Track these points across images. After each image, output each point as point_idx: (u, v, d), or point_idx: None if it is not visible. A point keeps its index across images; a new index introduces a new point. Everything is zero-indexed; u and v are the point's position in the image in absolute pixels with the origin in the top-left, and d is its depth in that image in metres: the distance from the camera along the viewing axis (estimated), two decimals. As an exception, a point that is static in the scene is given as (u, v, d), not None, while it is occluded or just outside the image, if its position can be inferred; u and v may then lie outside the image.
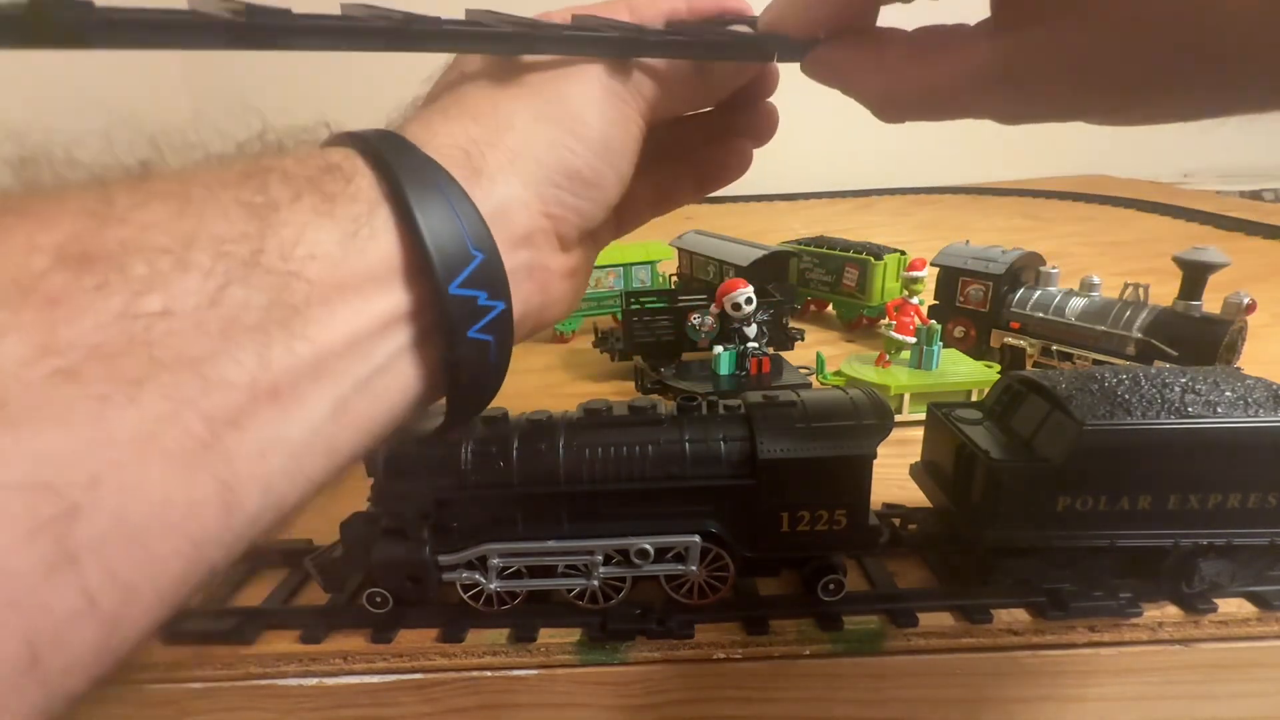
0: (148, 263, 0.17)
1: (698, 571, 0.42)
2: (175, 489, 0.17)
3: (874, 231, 1.61)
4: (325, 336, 0.21)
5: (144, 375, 0.17)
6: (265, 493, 0.20)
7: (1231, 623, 0.42)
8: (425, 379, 0.25)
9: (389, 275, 0.23)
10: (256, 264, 0.19)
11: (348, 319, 0.21)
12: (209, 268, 0.18)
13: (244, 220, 0.20)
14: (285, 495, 0.21)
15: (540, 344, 1.01)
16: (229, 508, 0.19)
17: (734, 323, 0.71)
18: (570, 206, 0.29)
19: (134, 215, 0.18)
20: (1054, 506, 0.41)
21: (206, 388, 0.18)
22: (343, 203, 0.22)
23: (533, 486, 0.41)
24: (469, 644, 0.42)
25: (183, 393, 0.17)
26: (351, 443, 0.23)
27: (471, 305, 0.24)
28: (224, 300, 0.18)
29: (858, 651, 0.42)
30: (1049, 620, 0.42)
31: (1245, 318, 0.66)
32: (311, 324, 0.20)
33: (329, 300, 0.21)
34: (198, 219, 0.19)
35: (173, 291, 0.18)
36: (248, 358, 0.19)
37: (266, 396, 0.19)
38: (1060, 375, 0.45)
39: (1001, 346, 0.80)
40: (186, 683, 0.42)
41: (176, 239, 0.18)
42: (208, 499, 0.18)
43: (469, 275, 0.23)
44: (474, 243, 0.24)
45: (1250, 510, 0.41)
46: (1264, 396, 0.40)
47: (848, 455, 0.40)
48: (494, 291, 0.25)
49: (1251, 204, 1.89)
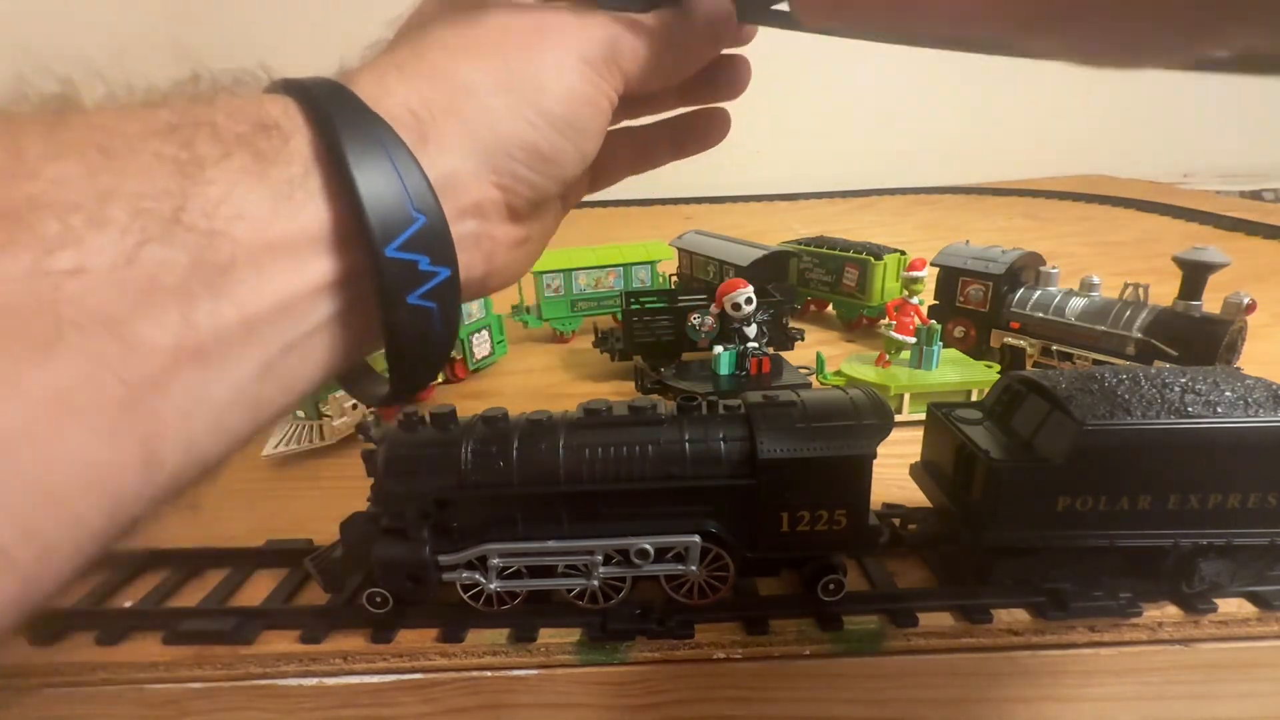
0: (59, 219, 0.17)
1: (698, 571, 0.42)
2: (95, 450, 0.17)
3: (874, 231, 1.61)
4: (253, 300, 0.20)
5: (55, 336, 0.16)
6: (188, 451, 0.19)
7: (1231, 623, 0.42)
8: (358, 343, 0.25)
9: (322, 239, 0.22)
10: (177, 222, 0.18)
11: (277, 282, 0.21)
12: (125, 224, 0.18)
13: (166, 176, 0.19)
14: (208, 452, 0.20)
15: (540, 344, 1.01)
16: (150, 466, 0.18)
17: (734, 323, 0.71)
18: (524, 180, 0.27)
19: (46, 168, 0.17)
20: (1054, 506, 0.41)
21: (125, 349, 0.17)
22: (277, 164, 0.21)
23: (533, 486, 0.41)
24: (469, 644, 0.42)
25: (99, 354, 0.17)
26: (277, 401, 0.22)
27: (411, 270, 0.23)
28: (142, 259, 0.18)
29: (858, 651, 0.42)
30: (1049, 620, 0.42)
31: (1245, 318, 0.66)
32: (238, 286, 0.20)
33: (257, 262, 0.20)
34: (116, 174, 0.18)
35: (86, 249, 0.17)
36: (170, 319, 0.18)
37: (190, 358, 0.19)
38: (1060, 375, 0.45)
39: (1001, 346, 0.80)
40: (186, 683, 0.42)
41: (91, 194, 0.17)
42: (129, 459, 0.18)
43: (409, 238, 0.22)
44: (416, 205, 0.23)
45: (1250, 510, 0.41)
46: (1264, 396, 0.40)
47: (848, 455, 0.40)
48: (437, 257, 0.23)
49: (1251, 204, 1.89)
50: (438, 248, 0.23)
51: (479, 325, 0.88)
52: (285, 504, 0.60)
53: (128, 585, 0.49)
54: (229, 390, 0.20)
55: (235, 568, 0.50)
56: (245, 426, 0.22)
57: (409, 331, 0.24)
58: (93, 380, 0.17)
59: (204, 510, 0.60)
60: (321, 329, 0.23)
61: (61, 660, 0.42)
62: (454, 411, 0.43)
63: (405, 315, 0.23)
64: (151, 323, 0.18)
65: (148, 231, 0.18)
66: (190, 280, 0.18)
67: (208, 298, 0.19)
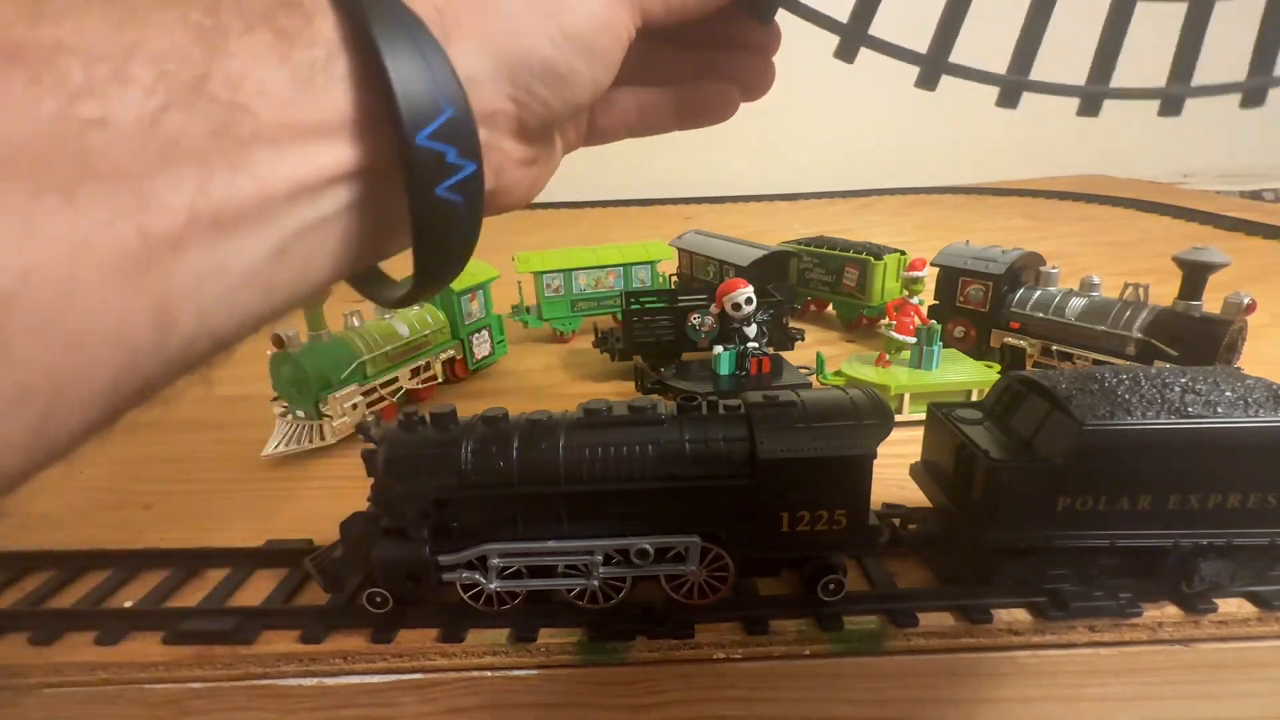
0: (84, 68, 0.17)
1: (698, 571, 0.42)
2: (110, 297, 0.17)
3: (874, 231, 1.61)
4: (270, 178, 0.20)
5: (78, 181, 0.17)
6: (200, 319, 0.20)
7: (1231, 623, 0.42)
8: (373, 240, 0.24)
9: (346, 125, 0.22)
10: (200, 90, 0.19)
11: (296, 164, 0.21)
12: (150, 85, 0.18)
13: (189, 42, 0.19)
14: (220, 326, 0.21)
15: (540, 344, 1.01)
16: (163, 326, 0.19)
17: (734, 323, 0.71)
18: (538, 97, 0.27)
19: (69, 16, 0.17)
20: (1054, 506, 0.41)
21: (143, 204, 0.18)
22: (299, 45, 0.21)
23: (533, 486, 0.41)
24: (469, 644, 0.42)
25: (118, 205, 0.17)
26: (290, 287, 0.22)
27: (439, 161, 0.22)
28: (165, 122, 0.18)
29: (858, 651, 0.42)
30: (1049, 620, 0.42)
31: (1245, 318, 0.66)
32: (257, 163, 0.20)
33: (276, 141, 0.20)
34: (139, 31, 0.18)
35: (110, 102, 0.17)
36: (187, 183, 0.18)
37: (205, 226, 0.19)
38: (1060, 375, 0.45)
39: (1001, 346, 0.80)
40: (186, 683, 0.42)
41: (116, 48, 0.17)
42: (142, 313, 0.18)
43: (438, 128, 0.22)
44: (445, 95, 0.22)
45: (1250, 510, 0.41)
46: (1264, 396, 0.40)
47: (848, 455, 0.40)
48: (464, 150, 0.23)
49: (1251, 204, 1.89)
50: (465, 141, 0.23)
51: (479, 325, 0.88)
52: (285, 504, 0.60)
53: (127, 585, 0.49)
54: (243, 266, 0.20)
55: (235, 568, 0.50)
56: (256, 307, 0.22)
57: (436, 225, 0.24)
58: (111, 230, 0.17)
59: (203, 510, 0.60)
60: (338, 219, 0.23)
61: (61, 660, 0.42)
62: (454, 411, 0.43)
63: (433, 207, 0.23)
64: (170, 185, 0.18)
65: (172, 95, 0.18)
66: (210, 150, 0.19)
67: (225, 169, 0.19)
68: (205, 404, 0.83)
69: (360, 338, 0.71)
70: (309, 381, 0.65)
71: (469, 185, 0.24)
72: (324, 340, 0.69)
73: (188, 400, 0.70)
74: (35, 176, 0.16)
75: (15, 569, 0.51)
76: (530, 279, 0.99)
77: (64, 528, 0.57)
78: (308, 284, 0.23)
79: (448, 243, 0.25)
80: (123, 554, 0.52)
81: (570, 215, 2.14)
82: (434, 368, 0.81)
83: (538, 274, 0.98)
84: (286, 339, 0.65)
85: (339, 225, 0.23)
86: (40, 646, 0.43)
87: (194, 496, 0.62)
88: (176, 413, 0.80)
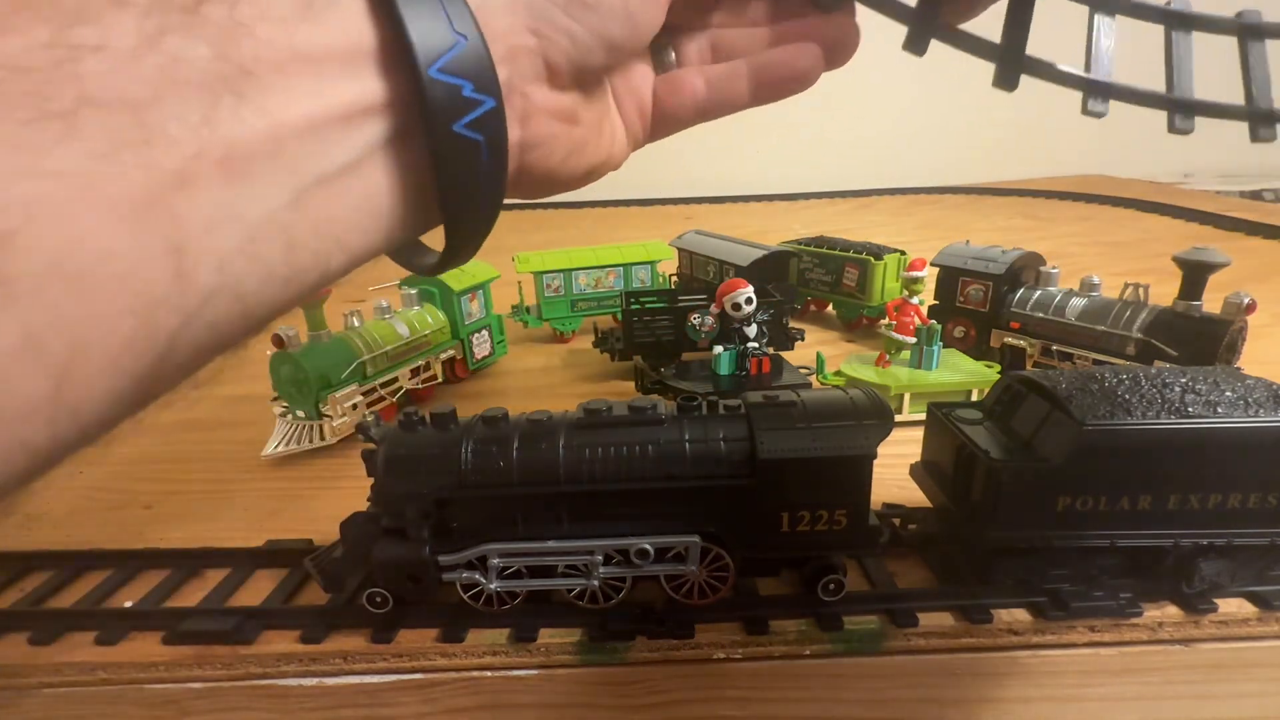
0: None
1: (698, 571, 0.42)
2: (118, 239, 0.16)
3: (874, 231, 1.61)
4: (281, 111, 0.19)
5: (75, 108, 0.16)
6: (220, 270, 0.18)
7: (1231, 623, 0.42)
8: (404, 190, 0.23)
9: (354, 55, 0.20)
10: (197, 12, 0.18)
11: (306, 97, 0.19)
12: (145, 7, 0.17)
13: None
14: (243, 280, 0.19)
15: (540, 344, 1.01)
16: (180, 275, 0.18)
17: (734, 323, 0.71)
18: (561, 28, 0.24)
19: None
20: (1054, 506, 0.41)
21: (147, 136, 0.17)
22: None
23: (533, 486, 0.41)
24: (469, 644, 0.42)
25: (121, 135, 0.16)
26: (317, 244, 0.21)
27: (454, 95, 0.21)
28: (163, 46, 0.17)
29: (858, 651, 0.42)
30: (1049, 620, 0.42)
31: (1245, 318, 0.66)
32: (264, 92, 0.18)
33: (284, 69, 0.19)
34: None
35: (106, 26, 0.16)
36: (191, 114, 0.17)
37: (215, 163, 0.18)
38: (1060, 375, 0.45)
39: (1001, 346, 0.80)
40: (186, 683, 0.42)
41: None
42: (154, 258, 0.17)
43: (451, 60, 0.21)
44: (456, 25, 0.21)
45: (1250, 510, 0.41)
46: (1264, 396, 0.40)
47: (848, 455, 0.40)
48: (480, 83, 0.21)
49: (1251, 204, 1.89)
50: (480, 74, 0.21)
51: (479, 325, 0.88)
52: (285, 504, 0.60)
53: (127, 585, 0.49)
54: (259, 212, 0.19)
55: (235, 568, 0.50)
56: (279, 266, 0.20)
57: (457, 165, 0.22)
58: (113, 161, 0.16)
59: (203, 510, 0.60)
60: (359, 165, 0.21)
61: (61, 660, 0.42)
62: (454, 411, 0.43)
63: (452, 145, 0.22)
64: (173, 114, 0.17)
65: (168, 19, 0.17)
66: (212, 78, 0.18)
67: (231, 98, 0.18)
68: (205, 404, 0.83)
69: (360, 338, 0.71)
70: (309, 381, 0.65)
71: (489, 122, 0.22)
72: (324, 340, 0.69)
73: (188, 400, 0.71)
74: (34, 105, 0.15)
75: (15, 569, 0.51)
76: (530, 279, 1.00)
77: (64, 528, 0.57)
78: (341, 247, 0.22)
79: (472, 188, 0.23)
80: (123, 554, 0.52)
81: (570, 215, 2.14)
82: (434, 368, 0.81)
83: (538, 274, 0.98)
84: (286, 339, 0.65)
85: (363, 173, 0.21)
86: (40, 646, 0.43)
87: (194, 496, 0.62)
88: (176, 413, 0.80)
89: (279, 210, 0.19)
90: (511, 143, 0.25)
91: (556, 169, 0.28)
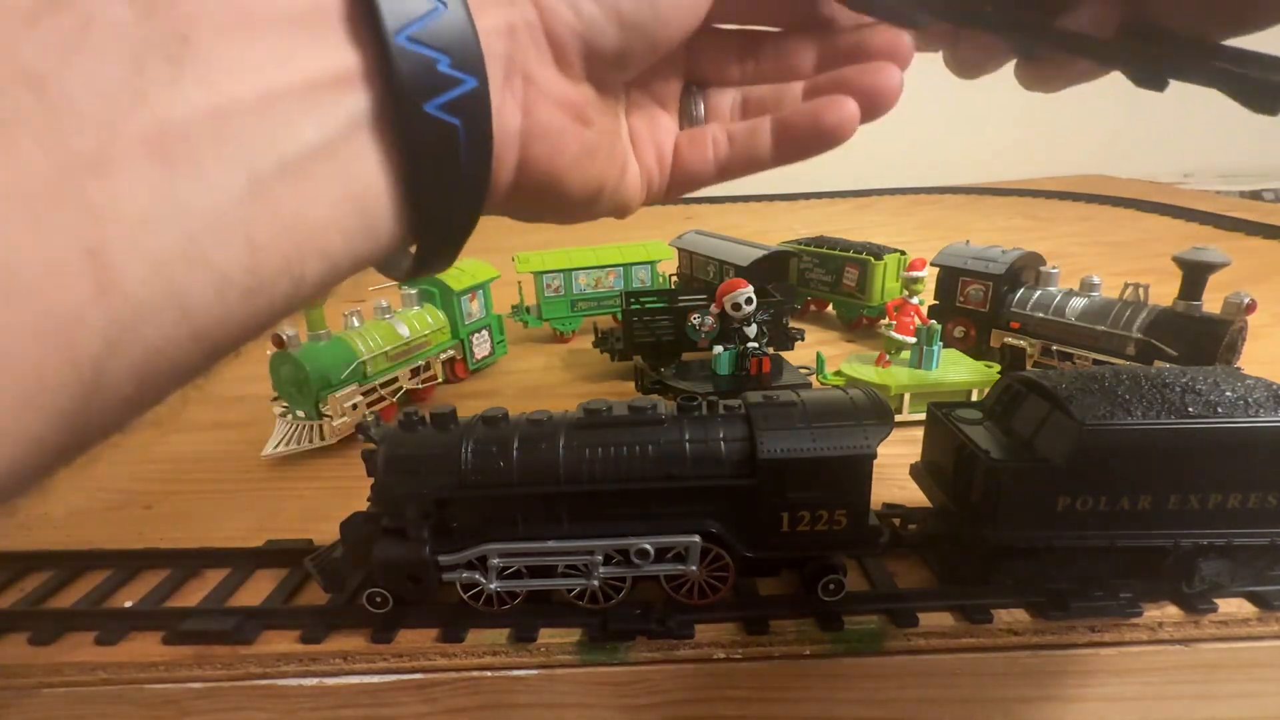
0: None
1: (698, 571, 0.42)
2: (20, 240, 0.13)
3: (874, 231, 1.61)
4: (228, 81, 0.15)
5: None
6: (155, 274, 0.15)
7: (1231, 623, 0.42)
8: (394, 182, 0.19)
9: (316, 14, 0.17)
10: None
11: (262, 64, 0.16)
12: None
13: None
14: (189, 292, 0.15)
15: (540, 344, 1.01)
16: (103, 286, 0.14)
17: (734, 323, 0.71)
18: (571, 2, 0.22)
19: None
20: (1054, 506, 0.41)
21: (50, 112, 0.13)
22: None
23: (533, 486, 0.41)
24: (469, 644, 0.42)
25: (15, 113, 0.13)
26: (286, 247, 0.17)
27: (428, 69, 0.18)
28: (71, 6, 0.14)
29: (858, 651, 0.42)
30: (1049, 620, 0.42)
31: (1245, 318, 0.66)
32: (205, 60, 0.15)
33: (227, 33, 0.16)
34: None
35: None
36: (110, 82, 0.14)
37: (145, 144, 0.14)
38: (1060, 375, 0.45)
39: (1001, 346, 0.80)
40: (186, 683, 0.42)
41: None
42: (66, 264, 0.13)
43: (424, 27, 0.18)
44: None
45: (1250, 510, 0.41)
46: (1264, 396, 0.40)
47: (848, 455, 0.40)
48: (460, 59, 0.18)
49: (1251, 204, 1.89)
50: (461, 48, 0.18)
51: (479, 325, 0.88)
52: (285, 504, 0.60)
53: (127, 585, 0.49)
54: (207, 205, 0.15)
55: (235, 568, 0.50)
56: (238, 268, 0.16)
57: (430, 154, 0.19)
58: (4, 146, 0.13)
59: (203, 510, 0.60)
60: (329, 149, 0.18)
61: (61, 660, 0.42)
62: (454, 411, 0.43)
63: (423, 128, 0.18)
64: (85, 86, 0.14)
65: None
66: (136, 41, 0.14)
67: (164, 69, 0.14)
68: (205, 404, 0.83)
69: (360, 338, 0.71)
70: (309, 381, 0.65)
71: (469, 105, 0.19)
72: (324, 340, 0.69)
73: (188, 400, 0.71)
74: None
75: (15, 569, 0.51)
76: (530, 279, 1.00)
77: (64, 528, 0.57)
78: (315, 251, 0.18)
79: (447, 182, 0.20)
80: (123, 554, 0.52)
81: (570, 215, 2.14)
82: (434, 368, 0.81)
83: (538, 274, 0.98)
84: (286, 339, 0.65)
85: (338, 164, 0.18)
86: (40, 646, 0.43)
87: (194, 496, 0.62)
88: (176, 413, 0.80)
89: (232, 202, 0.16)
90: (512, 131, 0.22)
91: (564, 171, 0.25)
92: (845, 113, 0.26)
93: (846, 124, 0.26)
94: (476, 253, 0.79)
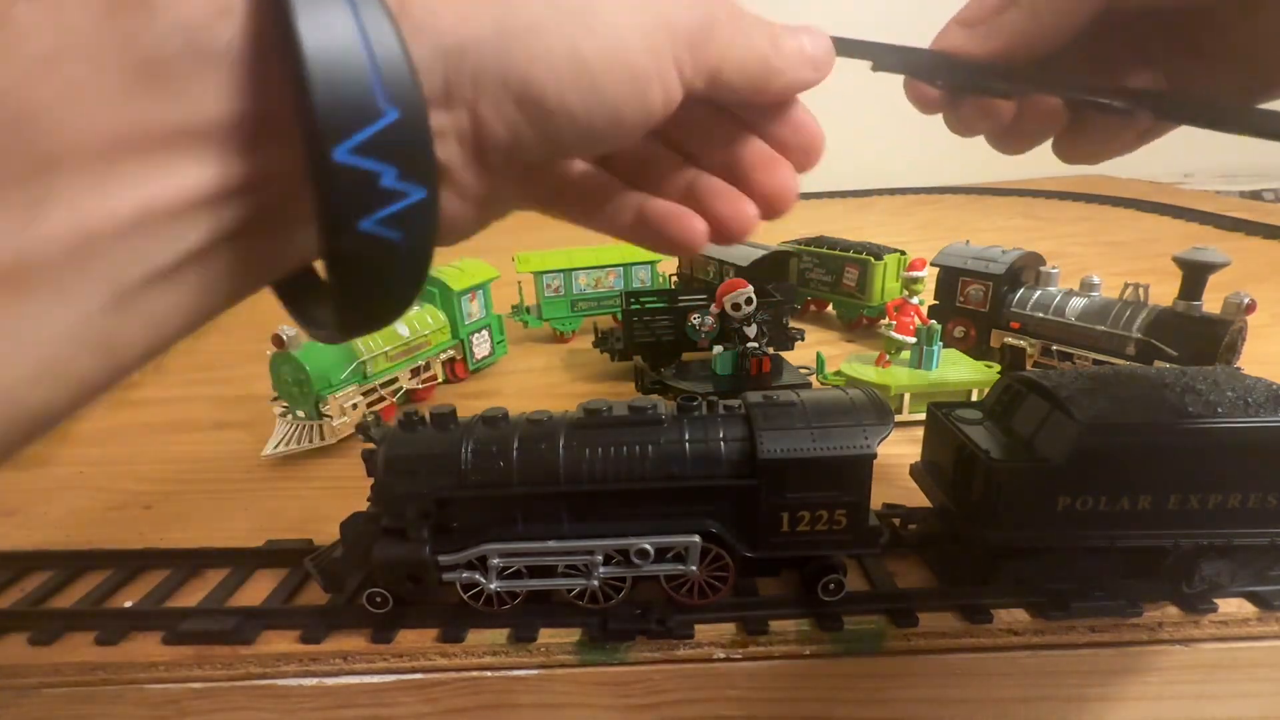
0: None
1: (698, 571, 0.42)
2: None
3: (874, 231, 1.61)
4: (96, 208, 0.14)
5: None
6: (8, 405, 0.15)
7: (1231, 623, 0.42)
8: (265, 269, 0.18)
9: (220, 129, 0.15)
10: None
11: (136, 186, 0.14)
12: None
13: None
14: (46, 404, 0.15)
15: (540, 344, 1.01)
16: None
17: (734, 323, 0.71)
18: (509, 122, 0.19)
19: None
20: (1054, 506, 0.41)
21: None
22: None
23: (533, 486, 0.41)
24: (469, 644, 0.42)
25: None
26: (144, 343, 0.16)
27: (368, 185, 0.16)
28: None
29: (858, 651, 0.42)
30: (1049, 620, 0.42)
31: (1245, 318, 0.66)
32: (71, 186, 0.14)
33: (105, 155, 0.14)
34: None
35: None
36: None
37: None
38: (1060, 375, 0.45)
39: (1001, 346, 0.80)
40: (186, 683, 0.42)
41: None
42: None
43: (372, 137, 0.15)
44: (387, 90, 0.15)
45: (1250, 510, 0.41)
46: (1264, 397, 0.40)
47: (848, 455, 0.40)
48: (409, 170, 0.16)
49: (1251, 204, 1.89)
50: (413, 157, 0.16)
51: (479, 325, 0.88)
52: (285, 504, 0.60)
53: (127, 585, 0.49)
54: (62, 327, 0.15)
55: (235, 568, 0.50)
56: (98, 373, 0.16)
57: (360, 268, 0.17)
58: None
59: (203, 510, 0.60)
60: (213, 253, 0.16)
61: (61, 660, 0.42)
62: (454, 411, 0.43)
63: (354, 246, 0.16)
64: None
65: None
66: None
67: (16, 202, 0.13)
68: (205, 404, 0.83)
69: (360, 338, 0.71)
70: (309, 381, 0.65)
71: (413, 217, 0.17)
72: (324, 340, 0.69)
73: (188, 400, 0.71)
74: None
75: (15, 569, 0.51)
76: (530, 279, 1.00)
77: (64, 528, 0.57)
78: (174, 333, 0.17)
79: (376, 291, 0.18)
80: (123, 554, 0.52)
81: (570, 215, 2.14)
82: (434, 368, 0.81)
83: (538, 274, 0.98)
84: (287, 339, 0.65)
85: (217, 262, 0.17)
86: (40, 646, 0.43)
87: (194, 496, 0.62)
88: (176, 413, 0.80)
89: (94, 317, 0.15)
90: None
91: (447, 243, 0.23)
92: (694, 231, 0.25)
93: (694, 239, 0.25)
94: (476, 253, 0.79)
